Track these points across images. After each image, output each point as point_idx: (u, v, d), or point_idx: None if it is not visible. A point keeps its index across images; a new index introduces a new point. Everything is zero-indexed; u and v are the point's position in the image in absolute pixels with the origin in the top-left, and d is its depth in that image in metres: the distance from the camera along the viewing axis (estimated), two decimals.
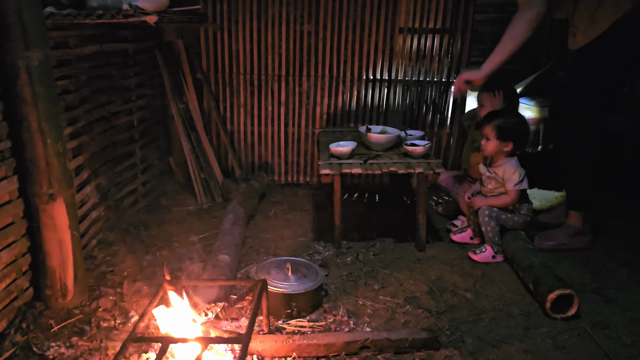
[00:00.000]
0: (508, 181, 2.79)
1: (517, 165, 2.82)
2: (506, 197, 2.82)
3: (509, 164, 2.81)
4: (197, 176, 3.62)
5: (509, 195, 2.81)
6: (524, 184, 2.80)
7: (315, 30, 3.76)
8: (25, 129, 2.04)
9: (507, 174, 2.80)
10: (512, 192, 2.79)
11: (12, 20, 1.91)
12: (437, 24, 3.74)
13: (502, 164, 2.83)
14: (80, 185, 2.66)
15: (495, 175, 2.85)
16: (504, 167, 2.81)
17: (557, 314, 2.30)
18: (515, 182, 2.78)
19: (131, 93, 3.28)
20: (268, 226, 3.27)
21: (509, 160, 2.82)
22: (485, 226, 2.84)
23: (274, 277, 2.28)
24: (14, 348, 1.99)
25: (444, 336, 2.16)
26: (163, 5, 2.65)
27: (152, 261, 2.74)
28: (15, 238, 2.14)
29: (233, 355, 1.93)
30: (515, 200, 2.81)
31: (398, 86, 3.89)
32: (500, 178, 2.82)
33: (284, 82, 3.88)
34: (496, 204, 2.85)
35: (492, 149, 2.82)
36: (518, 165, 2.82)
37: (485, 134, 2.83)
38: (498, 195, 2.87)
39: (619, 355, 2.08)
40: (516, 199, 2.81)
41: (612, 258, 2.88)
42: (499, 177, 2.83)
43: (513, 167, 2.80)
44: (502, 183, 2.83)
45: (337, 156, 2.96)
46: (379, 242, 3.05)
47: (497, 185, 2.86)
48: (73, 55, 2.57)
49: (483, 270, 2.75)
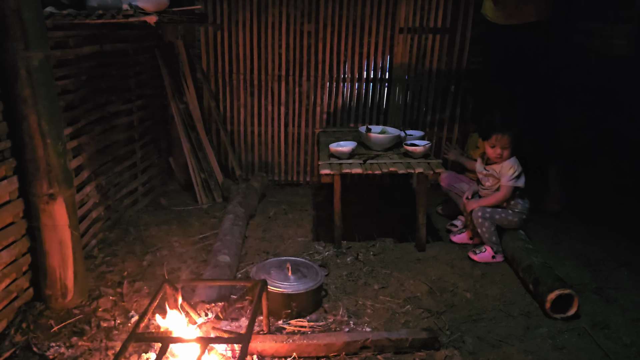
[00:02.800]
0: (503, 176, 2.81)
1: (515, 162, 2.83)
2: (498, 193, 2.84)
3: (508, 160, 2.82)
4: (197, 176, 3.62)
5: (501, 191, 2.82)
6: (519, 182, 2.80)
7: (315, 30, 3.76)
8: (25, 129, 2.04)
9: (503, 169, 2.82)
10: (505, 188, 2.81)
11: (12, 20, 1.91)
12: (437, 24, 3.74)
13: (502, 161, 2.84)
14: (80, 185, 2.66)
15: (492, 172, 2.87)
16: (502, 163, 2.83)
17: (557, 314, 2.30)
18: (509, 178, 2.79)
19: (131, 93, 3.28)
20: (268, 226, 3.27)
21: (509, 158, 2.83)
22: (480, 227, 2.84)
23: (274, 277, 2.28)
24: (14, 348, 1.99)
25: (444, 336, 2.16)
26: (163, 5, 2.65)
27: (152, 261, 2.74)
28: (15, 238, 2.14)
29: (233, 355, 1.93)
30: (507, 196, 2.82)
31: (398, 86, 3.89)
32: (497, 174, 2.84)
33: (284, 82, 3.88)
34: (489, 203, 2.86)
35: (508, 154, 2.82)
36: (516, 163, 2.83)
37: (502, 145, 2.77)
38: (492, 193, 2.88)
39: (619, 355, 2.08)
40: (508, 195, 2.82)
41: (612, 258, 2.88)
42: (496, 172, 2.85)
43: (511, 163, 2.81)
44: (499, 179, 2.84)
45: (337, 156, 2.96)
46: (379, 242, 3.05)
47: (494, 182, 2.88)
48: (73, 55, 2.57)
49: (483, 270, 2.75)
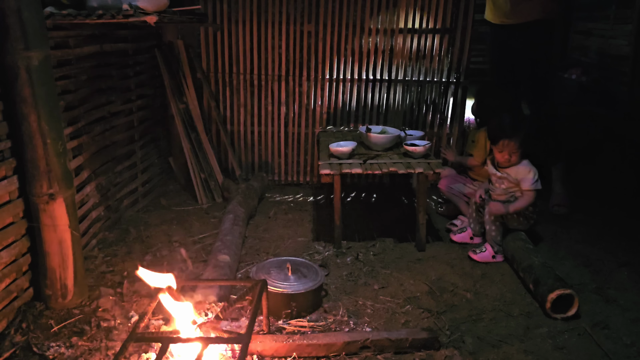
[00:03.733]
0: (524, 181, 2.73)
1: (529, 165, 2.76)
2: (523, 199, 2.74)
3: (522, 164, 2.76)
4: (197, 176, 3.61)
5: (527, 196, 2.74)
6: (539, 184, 2.74)
7: (315, 30, 3.76)
8: (25, 129, 2.04)
9: (521, 174, 2.74)
10: (530, 193, 2.74)
11: (12, 20, 1.91)
12: (437, 24, 3.74)
13: (515, 165, 2.77)
14: (80, 185, 2.66)
15: (507, 176, 2.79)
16: (517, 167, 2.76)
17: (557, 314, 2.30)
18: (531, 182, 2.72)
19: (131, 93, 3.28)
20: (268, 226, 3.27)
21: (522, 161, 2.77)
22: (490, 225, 2.82)
23: (274, 277, 2.28)
24: (14, 348, 1.99)
25: (444, 336, 2.16)
26: (163, 5, 2.65)
27: (152, 261, 2.74)
28: (15, 238, 2.14)
29: (233, 355, 1.93)
30: (532, 200, 2.75)
31: (398, 86, 3.89)
32: (514, 179, 2.77)
33: (284, 82, 3.88)
34: (519, 207, 2.75)
35: (516, 159, 2.76)
36: (531, 165, 2.76)
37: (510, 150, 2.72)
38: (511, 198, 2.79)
39: (619, 355, 2.08)
40: (533, 199, 2.75)
41: (612, 258, 2.88)
42: (512, 177, 2.78)
43: (527, 167, 2.75)
44: (516, 183, 2.78)
45: (337, 156, 2.96)
46: (379, 242, 3.05)
47: (510, 185, 2.81)
48: (73, 55, 2.57)
49: (483, 270, 2.75)
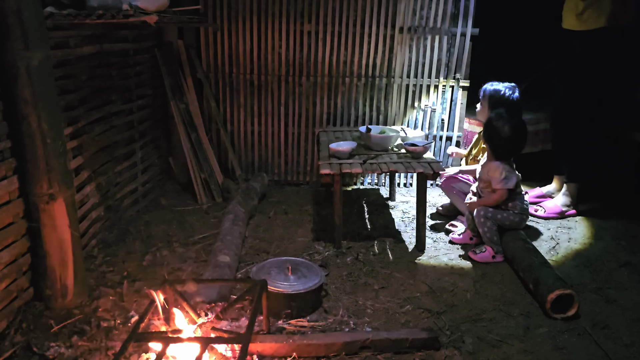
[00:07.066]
0: (493, 179, 2.84)
1: (500, 165, 2.84)
2: (494, 195, 2.86)
3: (493, 163, 2.87)
4: (197, 176, 3.62)
5: (497, 193, 2.84)
6: (509, 184, 2.81)
7: (315, 30, 3.76)
8: (25, 129, 2.04)
9: (490, 172, 2.85)
10: (500, 191, 2.83)
11: (12, 20, 1.91)
12: (437, 23, 3.75)
13: (487, 163, 2.90)
14: (80, 185, 2.66)
15: (482, 174, 2.92)
16: (489, 165, 2.87)
17: (557, 314, 2.30)
18: (498, 180, 2.81)
19: (131, 93, 3.28)
20: (268, 226, 3.27)
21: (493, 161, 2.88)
22: (482, 227, 2.85)
23: (274, 277, 2.28)
24: (14, 348, 1.99)
25: (444, 336, 2.16)
26: (163, 5, 2.65)
27: (152, 261, 2.74)
28: (15, 238, 2.14)
29: (233, 355, 1.93)
30: (502, 197, 2.83)
31: (398, 86, 3.89)
32: (486, 177, 2.88)
33: (284, 82, 3.88)
34: (487, 204, 2.88)
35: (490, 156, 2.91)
36: (502, 166, 2.83)
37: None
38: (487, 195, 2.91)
39: (619, 355, 2.08)
40: (503, 197, 2.83)
41: (612, 258, 2.88)
42: (484, 175, 2.89)
43: (496, 165, 2.84)
44: (489, 182, 2.87)
45: (337, 156, 2.96)
46: (379, 242, 3.05)
47: (485, 184, 2.91)
48: (73, 55, 2.57)
49: (483, 270, 2.75)
